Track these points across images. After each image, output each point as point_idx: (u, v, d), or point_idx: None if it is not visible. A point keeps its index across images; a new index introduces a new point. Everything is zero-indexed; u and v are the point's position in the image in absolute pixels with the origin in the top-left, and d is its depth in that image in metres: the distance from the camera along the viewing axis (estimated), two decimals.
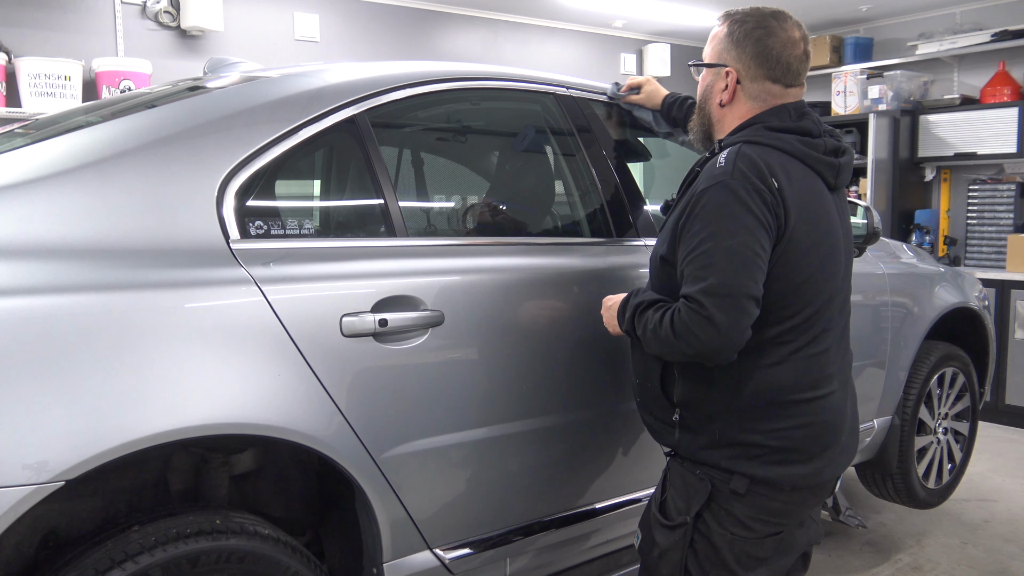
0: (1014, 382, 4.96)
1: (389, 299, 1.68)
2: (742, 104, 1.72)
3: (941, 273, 3.26)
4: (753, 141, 1.63)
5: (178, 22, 4.49)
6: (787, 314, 1.61)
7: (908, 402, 3.08)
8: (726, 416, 1.64)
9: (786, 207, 1.57)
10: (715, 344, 1.52)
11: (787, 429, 1.62)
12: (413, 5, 5.36)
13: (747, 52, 1.69)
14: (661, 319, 1.60)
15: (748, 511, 1.64)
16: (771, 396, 1.62)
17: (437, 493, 1.77)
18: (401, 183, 2.19)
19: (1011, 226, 5.24)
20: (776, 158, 1.61)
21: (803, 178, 1.63)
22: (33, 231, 1.39)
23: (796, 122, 1.68)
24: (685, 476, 1.70)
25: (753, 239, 1.53)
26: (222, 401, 1.45)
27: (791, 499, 1.65)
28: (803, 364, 1.63)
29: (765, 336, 1.60)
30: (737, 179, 1.56)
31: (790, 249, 1.59)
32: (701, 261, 1.55)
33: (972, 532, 3.41)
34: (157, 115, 1.67)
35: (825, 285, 1.66)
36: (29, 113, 3.85)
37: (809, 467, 1.64)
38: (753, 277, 1.53)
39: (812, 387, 1.64)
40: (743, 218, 1.54)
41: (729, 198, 1.55)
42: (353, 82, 1.85)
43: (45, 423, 1.28)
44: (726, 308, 1.51)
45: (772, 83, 1.70)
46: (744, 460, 1.63)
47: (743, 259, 1.52)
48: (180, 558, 1.40)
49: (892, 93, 5.63)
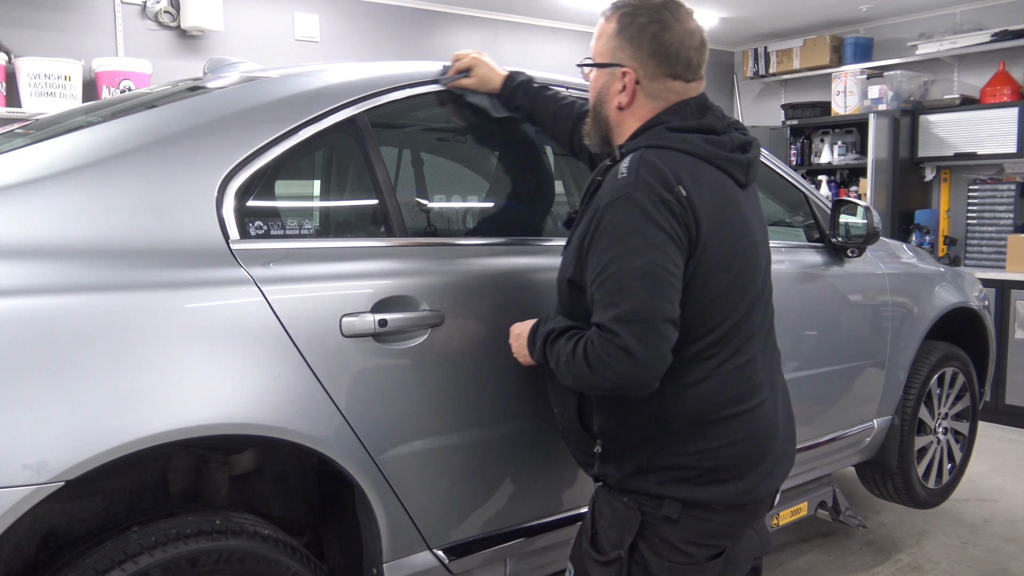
0: (1014, 382, 4.96)
1: (389, 299, 1.68)
2: (642, 105, 1.58)
3: (941, 273, 3.26)
4: (655, 145, 1.51)
5: (178, 22, 4.49)
6: (707, 328, 1.50)
7: (908, 402, 3.08)
8: (652, 442, 1.54)
9: (696, 216, 1.46)
10: (634, 376, 1.41)
11: (717, 448, 1.52)
12: (413, 5, 5.36)
13: (644, 50, 1.54)
14: (574, 350, 1.47)
15: (683, 535, 1.54)
16: (697, 416, 1.51)
17: (437, 493, 1.77)
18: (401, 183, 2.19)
19: (1011, 226, 5.24)
20: (682, 162, 1.49)
21: (712, 181, 1.52)
22: (33, 231, 1.39)
23: (699, 119, 1.56)
24: (613, 505, 1.59)
25: (664, 256, 1.41)
26: (222, 401, 1.45)
27: (727, 519, 1.56)
28: (728, 378, 1.52)
29: (686, 354, 1.49)
30: (641, 190, 1.43)
31: (705, 260, 1.47)
32: (611, 285, 1.43)
33: (972, 532, 3.41)
34: (157, 115, 1.67)
35: (746, 292, 1.55)
36: (29, 113, 3.85)
37: (743, 484, 1.54)
38: (668, 298, 1.42)
39: (740, 401, 1.54)
40: (651, 234, 1.42)
41: (634, 212, 1.43)
42: (353, 82, 1.85)
43: (45, 423, 1.28)
44: (642, 336, 1.39)
45: (673, 80, 1.56)
46: (674, 484, 1.53)
47: (655, 280, 1.41)
48: (180, 558, 1.40)
49: (892, 93, 5.63)
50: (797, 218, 2.80)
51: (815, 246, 2.71)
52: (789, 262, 2.56)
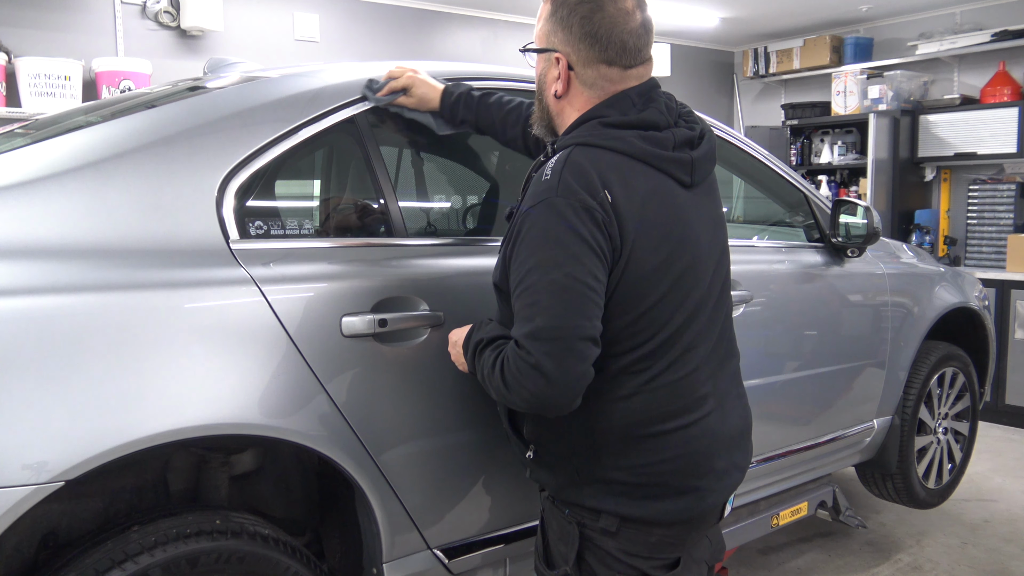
0: (1014, 382, 4.96)
1: (389, 299, 1.68)
2: (579, 94, 1.47)
3: (941, 273, 3.26)
4: (586, 143, 1.40)
5: (178, 22, 4.49)
6: (637, 342, 1.41)
7: (908, 402, 3.08)
8: (581, 453, 1.46)
9: (621, 224, 1.35)
10: (547, 396, 1.32)
11: (650, 464, 1.43)
12: (413, 5, 5.36)
13: (574, 33, 1.42)
14: (493, 364, 1.40)
15: (626, 548, 1.46)
16: (626, 431, 1.43)
17: (437, 493, 1.77)
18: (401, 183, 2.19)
19: (1011, 226, 5.24)
20: (612, 163, 1.38)
21: (647, 183, 1.40)
22: (33, 231, 1.39)
23: (639, 113, 1.43)
24: (558, 517, 1.53)
25: (582, 269, 1.32)
26: (222, 401, 1.45)
27: (670, 532, 1.47)
28: (661, 393, 1.43)
29: (612, 368, 1.41)
30: (563, 195, 1.34)
31: (631, 271, 1.37)
32: (527, 298, 1.34)
33: (972, 532, 3.41)
34: (157, 115, 1.67)
35: (684, 303, 1.44)
36: (29, 113, 3.85)
37: (681, 501, 1.45)
38: (585, 314, 1.32)
39: (675, 416, 1.44)
40: (570, 244, 1.32)
41: (554, 220, 1.33)
42: (353, 82, 1.85)
43: (45, 423, 1.28)
44: (555, 355, 1.30)
45: (608, 66, 1.43)
46: (610, 497, 1.45)
47: (572, 294, 1.31)
48: (180, 558, 1.40)
49: (892, 93, 5.63)
50: (797, 218, 2.80)
51: (815, 246, 2.71)
52: (789, 262, 2.56)
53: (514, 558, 1.95)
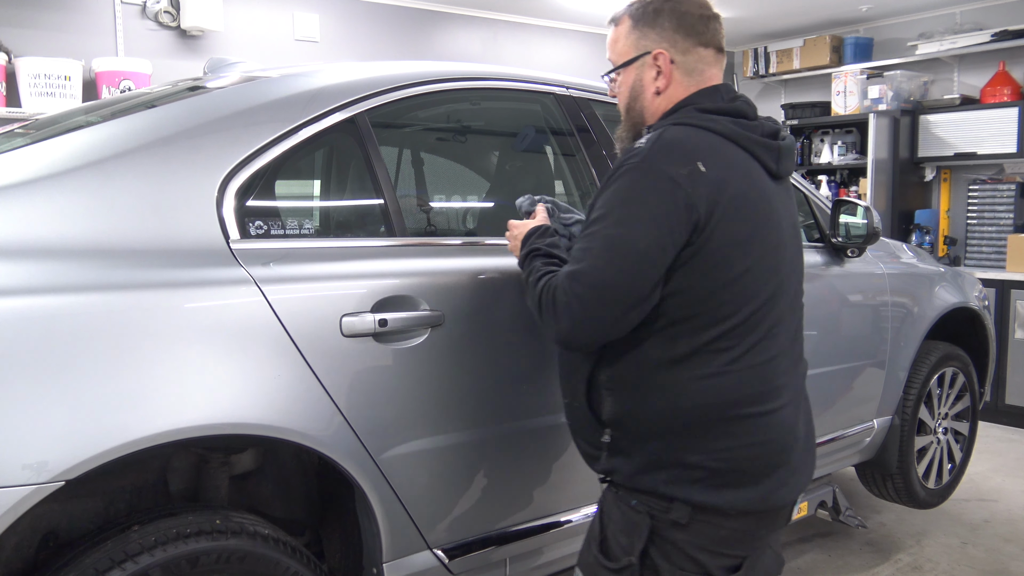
0: (1014, 382, 4.96)
1: (389, 299, 1.68)
2: (678, 84, 1.56)
3: (941, 273, 3.26)
4: (681, 123, 1.50)
5: (178, 22, 4.49)
6: (722, 314, 1.44)
7: (908, 402, 3.08)
8: (662, 435, 1.47)
9: (710, 196, 1.41)
10: (566, 335, 1.43)
11: (731, 449, 1.45)
12: (413, 5, 5.36)
13: (667, 27, 1.54)
14: (539, 279, 1.50)
15: (695, 541, 1.47)
16: (711, 412, 1.45)
17: (437, 493, 1.77)
18: (401, 183, 2.19)
19: (1011, 226, 5.24)
20: (707, 140, 1.47)
21: (738, 163, 1.48)
22: (33, 231, 1.39)
23: (730, 103, 1.54)
24: (622, 508, 1.52)
25: (640, 234, 1.38)
26: (222, 401, 1.45)
27: (740, 526, 1.48)
28: (746, 375, 1.46)
29: (701, 340, 1.44)
30: (648, 163, 1.42)
31: (716, 240, 1.42)
32: (584, 243, 1.44)
33: (972, 532, 3.41)
34: (157, 115, 1.67)
35: (767, 283, 1.49)
36: (29, 113, 3.85)
37: (756, 491, 1.46)
38: (629, 275, 1.38)
39: (757, 401, 1.47)
40: (638, 208, 1.40)
41: (631, 185, 1.42)
42: (353, 82, 1.85)
43: (45, 423, 1.28)
44: (587, 301, 1.39)
45: (704, 48, 1.56)
46: (685, 484, 1.46)
47: (623, 253, 1.38)
48: (180, 558, 1.40)
49: (892, 93, 5.63)
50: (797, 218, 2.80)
51: (815, 246, 2.71)
52: None
53: (514, 558, 1.95)
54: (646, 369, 1.47)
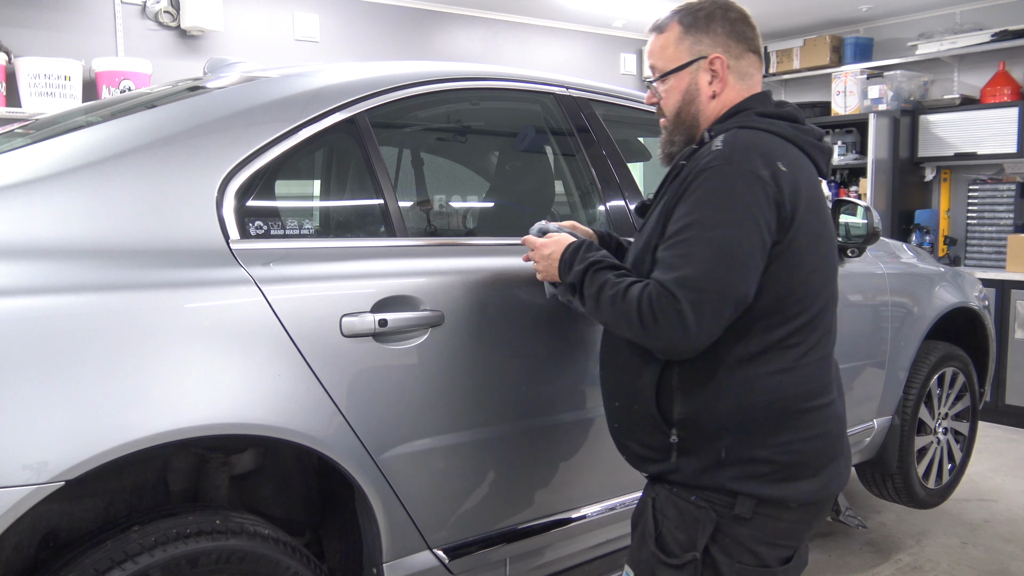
0: (1014, 382, 4.96)
1: (389, 299, 1.68)
2: (731, 88, 1.60)
3: (941, 273, 3.26)
4: (748, 126, 1.53)
5: (178, 22, 4.49)
6: (793, 312, 1.49)
7: (908, 402, 3.08)
8: (733, 432, 1.49)
9: (793, 195, 1.46)
10: (678, 344, 1.41)
11: (797, 442, 1.49)
12: (413, 5, 5.36)
13: (720, 33, 1.59)
14: (627, 290, 1.46)
15: (755, 535, 1.50)
16: (781, 406, 1.49)
17: (437, 493, 1.77)
18: (401, 183, 2.19)
19: (1011, 226, 5.24)
20: (775, 142, 1.51)
21: (803, 164, 1.53)
22: (33, 231, 1.39)
23: (781, 108, 1.59)
24: (679, 505, 1.53)
25: (742, 233, 1.40)
26: (222, 401, 1.45)
27: (797, 517, 1.53)
28: (811, 370, 1.52)
29: (774, 338, 1.48)
30: (736, 164, 1.44)
31: (796, 241, 1.46)
32: (680, 249, 1.42)
33: (972, 532, 3.41)
34: (157, 115, 1.67)
35: (829, 279, 1.56)
36: (29, 113, 3.85)
37: (817, 481, 1.52)
38: (735, 275, 1.40)
39: (819, 395, 1.53)
40: (734, 209, 1.41)
41: (723, 185, 1.43)
42: (353, 82, 1.85)
43: (45, 423, 1.28)
44: (700, 306, 1.38)
45: (754, 54, 1.62)
46: (751, 480, 1.48)
47: (727, 254, 1.39)
48: (180, 558, 1.40)
49: (892, 93, 5.63)
50: None
51: None
52: None
53: (514, 558, 1.95)
54: (720, 367, 1.48)
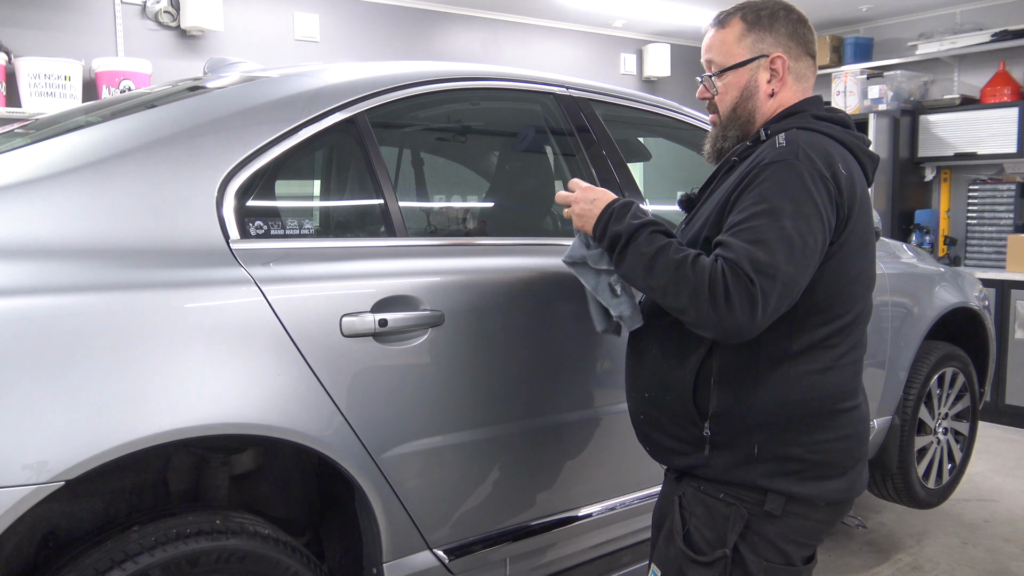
0: (1014, 382, 4.96)
1: (389, 299, 1.68)
2: (789, 88, 1.62)
3: (941, 273, 3.26)
4: (806, 128, 1.54)
5: (178, 22, 4.49)
6: (838, 313, 1.50)
7: (908, 402, 3.08)
8: (767, 428, 1.49)
9: (851, 198, 1.47)
10: (744, 327, 1.37)
11: (829, 441, 1.50)
12: (413, 5, 5.36)
13: (783, 34, 1.61)
14: (696, 259, 1.40)
15: (784, 533, 1.51)
16: (817, 405, 1.49)
17: (437, 493, 1.77)
18: (401, 183, 2.19)
19: (1011, 226, 5.24)
20: (832, 146, 1.51)
21: (856, 169, 1.54)
22: (33, 231, 1.39)
23: (834, 113, 1.61)
24: (707, 503, 1.54)
25: (808, 229, 1.40)
26: (222, 401, 1.45)
27: (824, 516, 1.54)
28: (847, 371, 1.53)
29: (816, 337, 1.49)
30: (803, 160, 1.44)
31: (849, 243, 1.48)
32: (752, 234, 1.39)
33: (972, 532, 3.41)
34: (157, 115, 1.67)
35: (871, 283, 1.59)
36: (29, 113, 3.85)
37: (844, 481, 1.53)
38: (801, 269, 1.40)
39: (851, 396, 1.54)
40: (803, 204, 1.41)
41: (793, 179, 1.43)
42: (353, 82, 1.85)
43: (45, 423, 1.28)
44: (769, 293, 1.36)
45: (811, 58, 1.65)
46: (782, 477, 1.49)
47: (797, 247, 1.39)
48: (180, 558, 1.40)
49: (892, 93, 5.63)
50: None
51: None
52: None
53: (514, 558, 1.95)
54: (761, 362, 1.49)
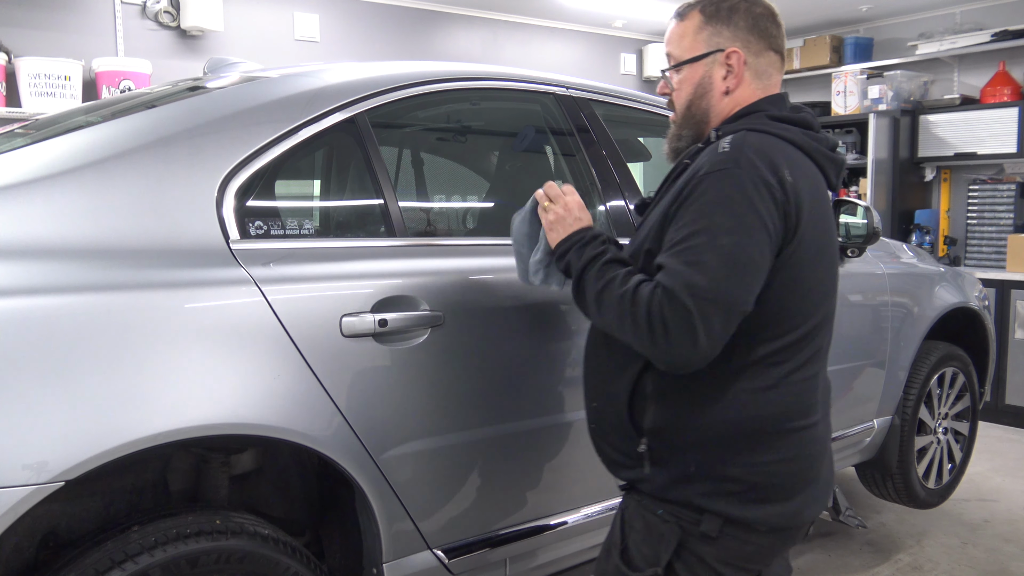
0: (1014, 382, 4.95)
1: (389, 299, 1.68)
2: (746, 86, 1.52)
3: (941, 273, 3.26)
4: (757, 129, 1.43)
5: (178, 22, 4.49)
6: (784, 329, 1.41)
7: (908, 402, 3.08)
8: (704, 446, 1.42)
9: (798, 205, 1.37)
10: (689, 358, 1.31)
11: (772, 463, 1.42)
12: (413, 5, 5.36)
13: (741, 27, 1.50)
14: (635, 290, 1.35)
15: (720, 555, 1.43)
16: (758, 425, 1.41)
17: (437, 493, 1.77)
18: (401, 183, 2.19)
19: (1011, 226, 5.24)
20: (784, 150, 1.42)
21: (811, 174, 1.45)
22: (33, 231, 1.39)
23: (796, 113, 1.50)
24: (647, 518, 1.48)
25: (752, 242, 1.32)
26: (222, 401, 1.45)
27: (766, 542, 1.46)
28: (795, 389, 1.43)
29: (757, 354, 1.40)
30: (744, 168, 1.35)
31: (798, 255, 1.39)
32: (689, 256, 1.32)
33: (972, 532, 3.41)
34: (157, 115, 1.67)
35: (825, 298, 1.48)
36: (29, 113, 3.85)
37: (788, 506, 1.44)
38: (744, 286, 1.32)
39: (801, 416, 1.44)
40: (745, 216, 1.32)
41: (733, 190, 1.34)
42: (353, 82, 1.85)
43: (45, 423, 1.28)
44: (711, 318, 1.29)
45: (774, 53, 1.54)
46: (719, 497, 1.41)
47: (738, 264, 1.31)
48: (180, 558, 1.40)
49: (892, 93, 5.63)
50: None
51: None
52: None
53: (514, 558, 1.95)
54: (697, 379, 1.39)
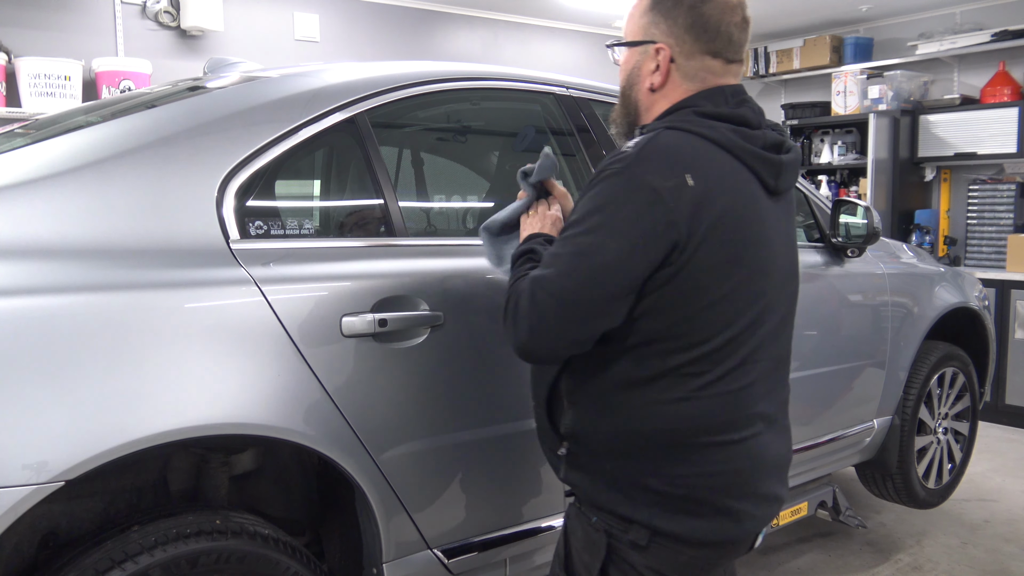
0: (1014, 382, 4.96)
1: (389, 299, 1.68)
2: (676, 86, 1.42)
3: (941, 273, 3.26)
4: (676, 127, 1.35)
5: (178, 22, 4.49)
6: (697, 339, 1.33)
7: (908, 402, 3.08)
8: (618, 455, 1.38)
9: (696, 210, 1.28)
10: (522, 344, 1.31)
11: (693, 476, 1.35)
12: (413, 5, 5.36)
13: (679, 23, 1.40)
14: (514, 282, 1.37)
15: (652, 565, 1.38)
16: (671, 437, 1.35)
17: (437, 493, 1.77)
18: (401, 183, 2.19)
19: (1011, 226, 5.24)
20: (700, 148, 1.33)
21: (732, 176, 1.35)
22: (33, 231, 1.39)
23: (734, 108, 1.40)
24: (583, 525, 1.44)
25: (610, 246, 1.27)
26: (222, 401, 1.45)
27: (700, 553, 1.39)
28: (716, 402, 1.35)
29: (669, 364, 1.34)
30: (631, 172, 1.29)
31: (696, 262, 1.30)
32: (555, 248, 1.33)
33: (972, 532, 3.41)
34: (157, 115, 1.67)
35: (748, 309, 1.37)
36: (29, 113, 3.85)
37: (717, 522, 1.37)
38: (589, 285, 1.28)
39: (725, 429, 1.36)
40: (611, 219, 1.28)
41: (609, 193, 1.30)
42: (353, 82, 1.85)
43: (45, 423, 1.28)
44: (547, 311, 1.28)
45: (712, 58, 1.41)
46: (644, 507, 1.36)
47: (588, 264, 1.27)
48: (180, 558, 1.40)
49: (892, 93, 5.63)
50: (797, 218, 2.80)
51: (815, 246, 2.71)
52: None
53: (514, 558, 1.95)
54: (607, 387, 1.38)
